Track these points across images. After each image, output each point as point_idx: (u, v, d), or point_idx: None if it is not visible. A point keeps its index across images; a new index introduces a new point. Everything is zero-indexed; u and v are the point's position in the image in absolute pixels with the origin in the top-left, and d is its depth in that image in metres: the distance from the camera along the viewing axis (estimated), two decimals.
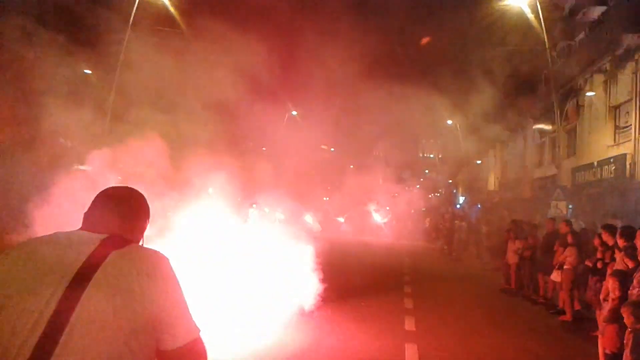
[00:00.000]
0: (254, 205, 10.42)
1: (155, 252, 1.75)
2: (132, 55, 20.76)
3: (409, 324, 8.93)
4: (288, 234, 9.95)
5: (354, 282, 12.73)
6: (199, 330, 1.71)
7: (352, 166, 29.43)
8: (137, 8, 21.06)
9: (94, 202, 1.86)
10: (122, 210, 1.83)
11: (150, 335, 1.60)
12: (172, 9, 21.18)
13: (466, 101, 26.29)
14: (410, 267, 16.73)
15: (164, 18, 21.07)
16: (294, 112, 30.30)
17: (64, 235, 1.71)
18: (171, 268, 1.72)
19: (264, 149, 21.63)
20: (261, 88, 18.50)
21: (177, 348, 1.63)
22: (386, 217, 29.72)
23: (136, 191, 1.96)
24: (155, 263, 1.69)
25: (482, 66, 23.87)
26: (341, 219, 29.54)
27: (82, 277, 1.55)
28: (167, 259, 1.74)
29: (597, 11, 21.31)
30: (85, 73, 23.27)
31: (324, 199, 29.90)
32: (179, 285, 1.71)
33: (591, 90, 21.95)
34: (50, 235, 1.71)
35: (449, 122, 36.59)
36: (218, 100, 19.32)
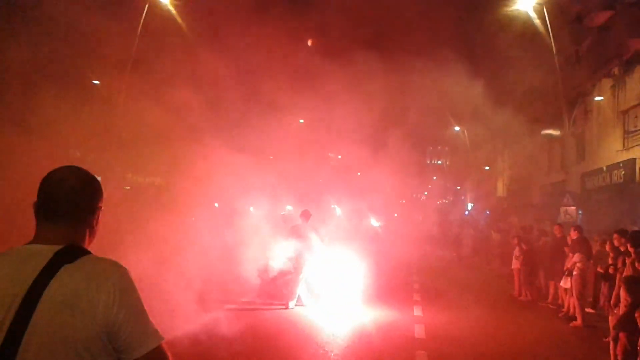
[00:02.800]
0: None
1: (108, 263, 1.70)
2: (140, 65, 20.93)
3: (419, 332, 8.89)
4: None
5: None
6: (161, 339, 1.69)
7: (359, 173, 29.29)
8: (144, 17, 21.23)
9: (41, 200, 1.76)
10: (71, 212, 1.75)
11: (106, 347, 1.61)
12: (179, 19, 21.31)
13: (473, 107, 26.23)
14: (419, 274, 16.68)
15: (172, 27, 21.22)
16: (301, 120, 30.31)
17: (17, 251, 1.70)
18: (125, 278, 1.68)
19: (271, 157, 21.62)
20: (267, 96, 18.55)
21: (138, 357, 1.64)
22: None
23: (83, 177, 1.82)
24: (106, 276, 1.65)
25: (489, 72, 23.86)
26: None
27: (32, 296, 1.56)
28: (122, 268, 1.70)
29: (603, 16, 21.25)
30: (94, 83, 23.47)
31: (332, 206, 29.83)
32: (134, 294, 1.67)
33: (599, 95, 21.87)
34: (11, 250, 1.69)
35: (457, 128, 36.53)
36: (223, 108, 19.39)
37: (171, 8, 21.16)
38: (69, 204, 1.74)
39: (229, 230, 11.33)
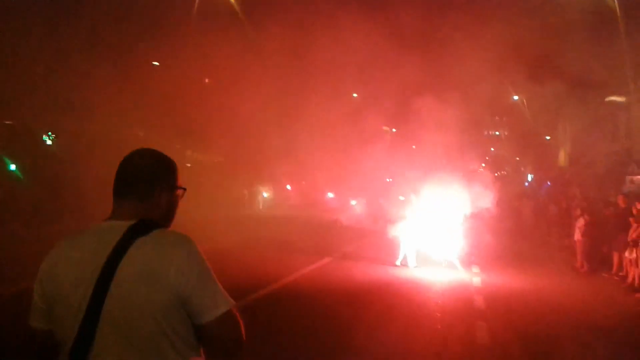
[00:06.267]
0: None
1: (177, 235, 1.83)
2: (198, 47, 21.46)
3: (479, 302, 8.98)
4: None
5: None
6: (231, 303, 1.82)
7: (414, 146, 29.00)
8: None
9: (115, 179, 1.92)
10: (140, 189, 1.90)
11: (181, 312, 1.75)
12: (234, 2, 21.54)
13: (533, 75, 25.42)
14: (476, 243, 16.66)
15: (227, 13, 21.51)
16: (355, 94, 30.20)
17: (97, 227, 1.87)
18: (193, 248, 1.80)
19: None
20: (321, 71, 18.62)
21: (209, 321, 1.77)
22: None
23: (150, 157, 1.97)
24: (176, 247, 1.78)
25: (547, 37, 22.97)
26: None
27: (109, 268, 1.72)
28: (190, 240, 1.82)
29: None
30: (154, 65, 24.16)
31: (387, 180, 29.77)
32: (203, 264, 1.80)
33: None
34: (88, 228, 1.89)
35: (515, 97, 35.49)
36: (276, 86, 19.62)
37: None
38: (135, 181, 1.90)
39: None
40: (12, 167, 18.34)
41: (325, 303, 8.51)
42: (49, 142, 22.28)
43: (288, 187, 30.75)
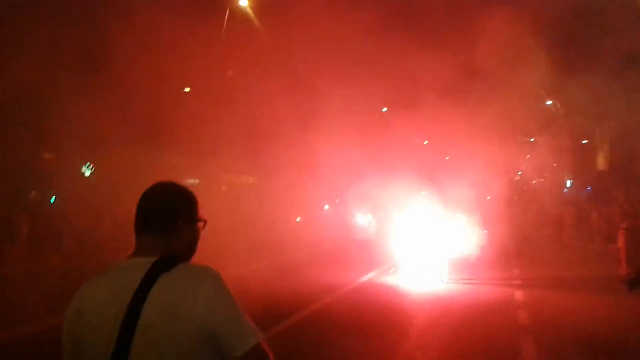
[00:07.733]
0: None
1: (202, 269, 1.80)
2: (227, 69, 21.72)
3: (522, 317, 8.73)
4: None
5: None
6: (260, 336, 1.77)
7: (447, 157, 28.72)
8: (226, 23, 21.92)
9: (136, 215, 1.91)
10: (162, 223, 1.88)
11: (208, 348, 1.72)
12: (254, 18, 21.81)
13: (568, 78, 24.88)
14: (517, 254, 16.33)
15: (248, 25, 21.71)
16: (384, 109, 30.09)
17: (121, 264, 1.85)
18: (219, 283, 1.77)
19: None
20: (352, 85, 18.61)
21: (238, 356, 1.73)
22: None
23: (169, 191, 1.95)
24: (201, 281, 1.75)
25: (584, 39, 22.52)
26: None
27: (135, 306, 1.70)
28: (215, 273, 1.78)
29: None
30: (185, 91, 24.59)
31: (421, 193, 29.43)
32: (229, 297, 1.76)
33: None
34: (115, 264, 1.86)
35: (549, 102, 34.84)
36: (308, 105, 19.70)
37: (250, 11, 21.70)
38: (156, 216, 1.89)
39: None
40: (52, 199, 18.82)
41: (362, 325, 8.38)
42: (87, 173, 22.81)
43: (326, 207, 30.69)
